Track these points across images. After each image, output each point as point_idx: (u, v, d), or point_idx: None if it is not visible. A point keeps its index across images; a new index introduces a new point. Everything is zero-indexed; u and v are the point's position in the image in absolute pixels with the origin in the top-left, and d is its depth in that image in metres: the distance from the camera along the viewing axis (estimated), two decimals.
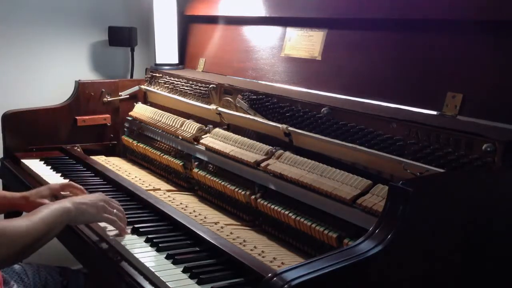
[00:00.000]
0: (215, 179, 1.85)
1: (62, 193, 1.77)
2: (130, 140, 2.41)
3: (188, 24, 2.64)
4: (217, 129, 1.98)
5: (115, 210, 1.55)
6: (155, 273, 1.30)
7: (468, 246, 1.13)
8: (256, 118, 1.87)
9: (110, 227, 1.55)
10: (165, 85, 2.43)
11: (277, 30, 2.10)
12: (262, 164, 1.67)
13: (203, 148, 1.95)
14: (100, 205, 1.52)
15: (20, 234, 1.32)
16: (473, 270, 1.15)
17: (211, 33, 2.45)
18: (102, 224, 1.57)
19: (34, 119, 2.38)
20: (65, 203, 1.46)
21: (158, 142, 2.26)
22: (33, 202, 1.70)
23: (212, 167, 1.94)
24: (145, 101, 2.56)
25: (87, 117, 2.49)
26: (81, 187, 1.80)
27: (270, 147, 1.73)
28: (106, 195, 1.85)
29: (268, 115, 1.84)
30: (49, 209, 1.42)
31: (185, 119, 2.14)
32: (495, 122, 1.36)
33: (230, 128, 2.03)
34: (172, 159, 2.11)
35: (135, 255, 1.40)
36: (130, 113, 2.46)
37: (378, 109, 1.58)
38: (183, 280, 1.29)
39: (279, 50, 2.06)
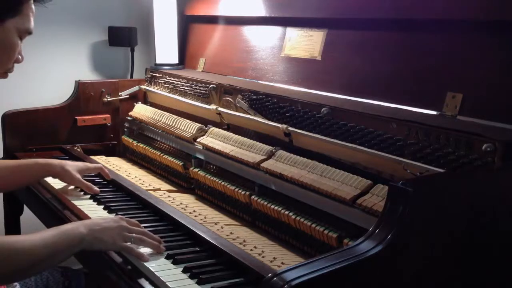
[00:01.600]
0: (215, 179, 1.85)
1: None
2: (130, 140, 2.41)
3: (188, 24, 2.64)
4: (217, 129, 1.98)
5: (134, 234, 1.43)
6: (155, 273, 1.30)
7: (468, 246, 1.13)
8: (256, 118, 1.87)
9: None
10: (165, 85, 2.43)
11: (277, 30, 2.10)
12: (262, 164, 1.67)
13: (203, 148, 1.95)
14: (116, 232, 1.40)
15: (17, 252, 1.24)
16: (473, 270, 1.15)
17: (211, 33, 2.45)
18: None
19: (34, 119, 2.38)
20: (79, 229, 1.35)
21: (158, 142, 2.26)
22: (69, 173, 1.84)
23: (212, 167, 1.94)
24: (145, 101, 2.56)
25: (87, 117, 2.49)
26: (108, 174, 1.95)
27: (270, 147, 1.73)
28: (106, 195, 1.87)
29: (268, 115, 1.84)
30: (59, 232, 1.33)
31: (185, 119, 2.14)
32: (495, 122, 1.36)
33: (230, 128, 2.03)
34: (172, 159, 2.11)
35: None
36: (130, 113, 2.46)
37: (378, 109, 1.58)
38: (183, 280, 1.29)
39: (279, 50, 2.06)
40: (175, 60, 2.59)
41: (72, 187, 1.91)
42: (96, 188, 1.85)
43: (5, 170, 1.82)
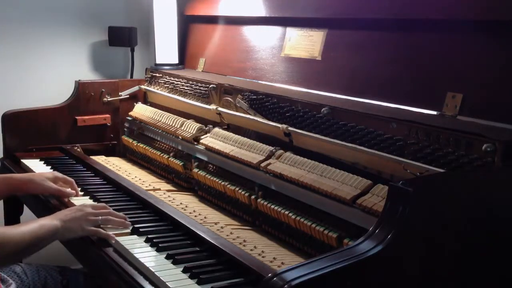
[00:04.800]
0: (215, 179, 1.85)
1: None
2: (130, 140, 2.40)
3: (188, 24, 2.64)
4: (217, 129, 1.98)
5: (100, 217, 1.57)
6: (155, 273, 1.31)
7: (468, 246, 1.13)
8: (256, 118, 1.87)
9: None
10: (165, 85, 2.43)
11: (277, 30, 2.10)
12: (262, 164, 1.67)
13: (203, 148, 1.95)
14: (83, 219, 1.55)
15: (8, 241, 1.41)
16: (473, 270, 1.15)
17: (211, 33, 2.45)
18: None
19: (34, 119, 2.38)
20: (54, 221, 1.51)
21: (158, 142, 2.26)
22: (39, 184, 1.82)
23: (212, 167, 1.94)
24: (145, 101, 2.56)
25: (87, 117, 2.49)
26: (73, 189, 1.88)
27: (270, 147, 1.73)
28: (106, 195, 1.87)
29: (268, 115, 1.84)
30: (39, 224, 1.49)
31: (185, 119, 2.14)
32: (495, 122, 1.36)
33: (230, 128, 2.03)
34: (172, 159, 2.11)
35: (135, 255, 1.40)
36: (130, 113, 2.46)
37: (378, 109, 1.58)
38: (183, 280, 1.29)
39: (279, 50, 2.06)
40: (175, 60, 2.59)
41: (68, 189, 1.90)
42: (70, 191, 1.85)
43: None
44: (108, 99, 2.53)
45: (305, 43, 1.96)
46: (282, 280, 0.92)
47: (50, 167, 2.16)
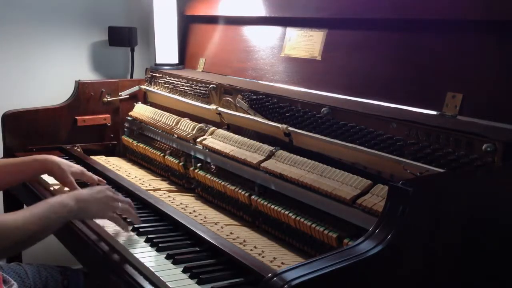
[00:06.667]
0: (215, 179, 1.85)
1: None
2: (130, 140, 2.41)
3: (188, 24, 2.64)
4: (217, 129, 1.98)
5: (120, 204, 1.53)
6: (155, 273, 1.31)
7: (468, 246, 1.13)
8: (256, 118, 1.87)
9: (109, 225, 1.57)
10: (165, 85, 2.43)
11: (277, 30, 2.10)
12: (262, 164, 1.67)
13: (203, 148, 1.95)
14: (103, 202, 1.50)
15: (15, 228, 1.33)
16: (473, 270, 1.15)
17: (211, 33, 2.45)
18: (101, 223, 1.58)
19: (34, 119, 2.38)
20: (67, 201, 1.44)
21: (158, 142, 2.26)
22: (64, 173, 1.79)
23: (212, 167, 1.94)
24: (145, 101, 2.56)
25: (87, 117, 2.49)
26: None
27: (270, 147, 1.73)
28: None
29: (268, 115, 1.84)
30: (48, 205, 1.41)
31: (185, 119, 2.14)
32: (495, 122, 1.36)
33: (230, 128, 2.03)
34: (172, 159, 2.11)
35: (135, 255, 1.40)
36: (130, 113, 2.46)
37: (378, 109, 1.58)
38: (183, 280, 1.29)
39: (279, 50, 2.06)
40: (175, 60, 2.59)
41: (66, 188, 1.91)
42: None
43: (3, 169, 1.83)
44: (108, 99, 2.53)
45: (305, 43, 1.96)
46: (282, 280, 0.92)
47: None
